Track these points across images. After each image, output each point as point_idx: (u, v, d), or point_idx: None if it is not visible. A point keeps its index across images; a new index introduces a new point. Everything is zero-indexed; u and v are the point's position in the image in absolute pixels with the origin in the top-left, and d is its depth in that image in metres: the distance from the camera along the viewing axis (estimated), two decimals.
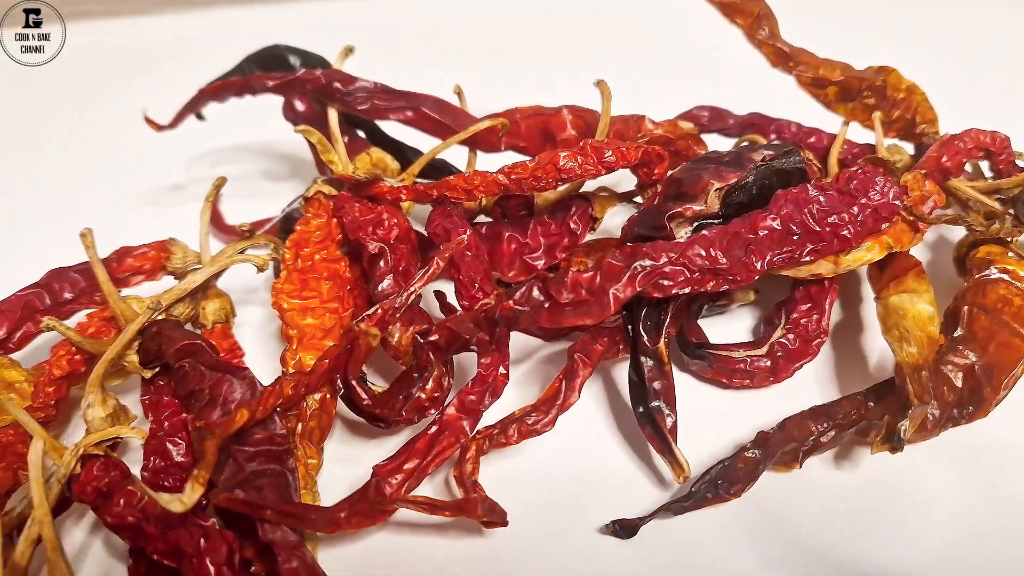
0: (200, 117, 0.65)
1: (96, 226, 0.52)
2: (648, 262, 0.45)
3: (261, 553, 0.39)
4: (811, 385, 0.53)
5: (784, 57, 0.60)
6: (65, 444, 0.41)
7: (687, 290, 0.46)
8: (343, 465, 0.48)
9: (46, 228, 0.70)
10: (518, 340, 0.51)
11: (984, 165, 0.63)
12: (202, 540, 0.36)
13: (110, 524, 0.38)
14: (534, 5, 1.08)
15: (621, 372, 0.54)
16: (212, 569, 0.35)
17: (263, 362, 0.55)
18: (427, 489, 0.46)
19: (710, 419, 0.51)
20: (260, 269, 0.51)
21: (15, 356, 0.50)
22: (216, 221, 0.67)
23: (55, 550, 0.34)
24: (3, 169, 0.82)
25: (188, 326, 0.50)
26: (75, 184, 0.77)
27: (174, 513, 0.37)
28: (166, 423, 0.44)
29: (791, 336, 0.53)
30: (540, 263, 0.57)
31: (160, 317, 0.47)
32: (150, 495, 0.35)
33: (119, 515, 0.37)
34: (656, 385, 0.47)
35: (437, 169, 0.61)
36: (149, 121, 0.64)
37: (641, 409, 0.47)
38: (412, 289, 0.43)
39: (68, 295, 0.50)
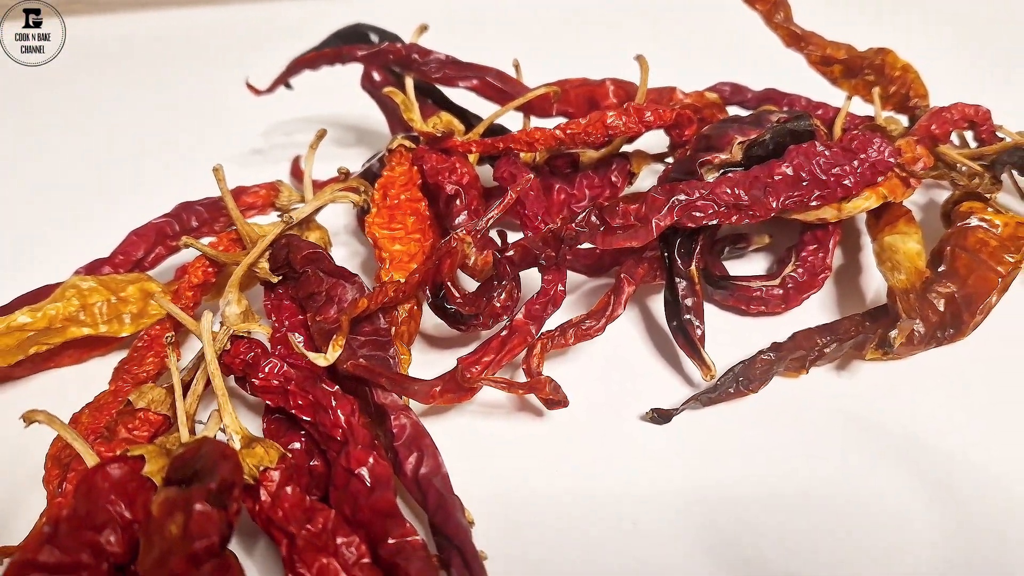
0: (288, 86, 0.74)
1: (201, 179, 0.63)
2: (684, 196, 0.54)
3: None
4: (816, 313, 0.62)
5: (797, 39, 0.70)
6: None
7: (715, 222, 0.55)
8: (424, 367, 0.57)
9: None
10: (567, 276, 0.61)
11: (969, 135, 0.72)
12: (332, 399, 0.46)
13: (257, 387, 0.47)
14: None
15: (653, 303, 0.63)
16: (343, 417, 0.45)
17: None
18: None
19: (731, 338, 0.60)
20: (356, 205, 0.60)
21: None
22: (298, 176, 0.77)
23: (224, 395, 0.44)
24: (117, 127, 0.94)
25: None
26: (178, 147, 0.88)
27: (311, 377, 0.47)
28: (286, 321, 0.53)
29: (800, 271, 0.62)
30: None
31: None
32: (301, 352, 0.45)
33: (265, 379, 0.47)
34: (688, 302, 0.56)
35: (494, 132, 0.70)
36: (250, 86, 0.74)
37: (675, 323, 0.56)
38: (492, 214, 0.52)
39: (194, 224, 0.60)
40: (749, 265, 0.67)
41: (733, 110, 0.72)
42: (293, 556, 0.39)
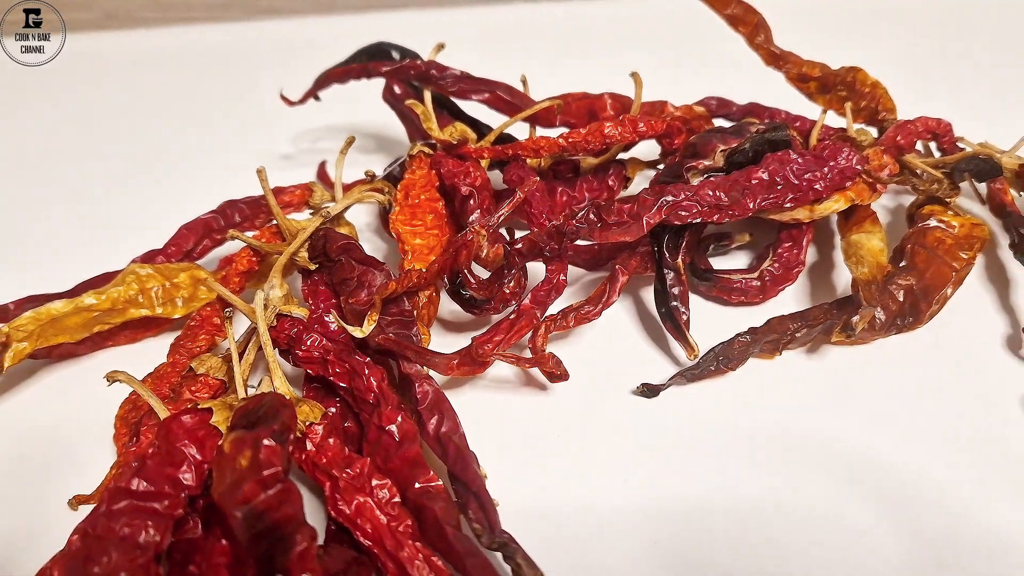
0: (317, 98, 0.82)
1: (239, 182, 0.71)
2: (671, 197, 0.61)
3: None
4: (791, 303, 0.69)
5: (776, 58, 0.77)
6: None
7: (699, 220, 0.62)
8: (441, 348, 0.64)
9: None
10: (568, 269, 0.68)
11: (933, 146, 0.80)
12: (366, 367, 0.53)
13: (300, 358, 0.54)
14: (584, 16, 1.32)
15: (645, 293, 0.71)
16: (375, 383, 0.52)
17: None
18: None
19: (714, 326, 0.66)
20: (381, 203, 0.68)
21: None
22: (324, 179, 0.84)
23: (274, 361, 0.51)
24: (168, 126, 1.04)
25: None
26: (219, 152, 0.97)
27: (347, 349, 0.54)
28: (322, 304, 0.60)
29: (776, 265, 0.69)
30: None
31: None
32: (342, 326, 0.52)
33: (307, 351, 0.54)
34: (675, 290, 0.63)
35: (504, 140, 0.78)
36: (284, 98, 0.81)
37: (663, 309, 0.64)
38: (503, 212, 0.59)
39: (237, 219, 0.68)
40: (732, 261, 0.74)
41: (719, 122, 0.80)
42: (335, 495, 0.47)
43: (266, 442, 0.40)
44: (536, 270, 0.65)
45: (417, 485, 0.48)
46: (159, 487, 0.42)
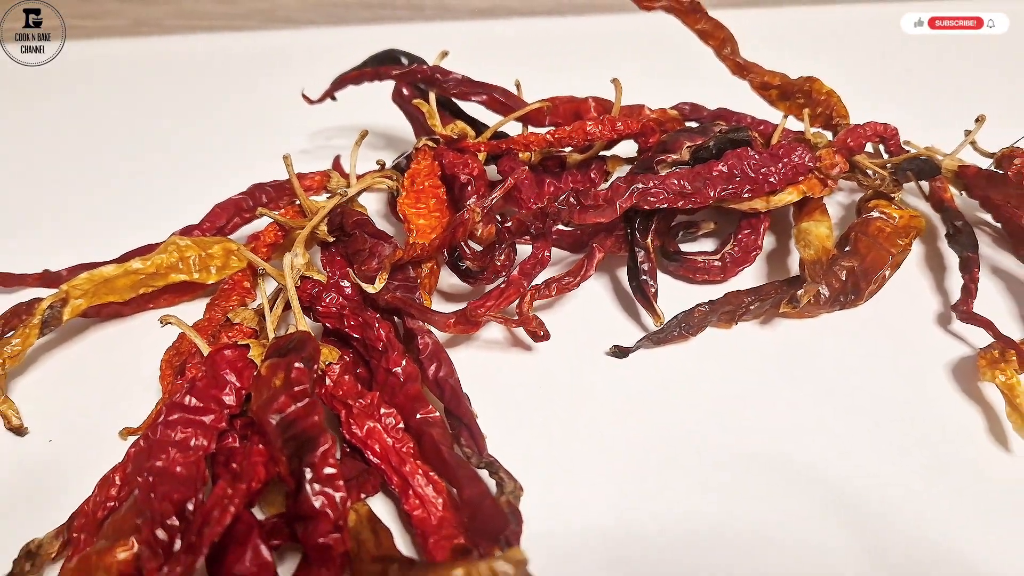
0: (334, 98, 0.92)
1: (264, 172, 0.81)
2: (641, 185, 0.71)
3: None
4: (749, 282, 0.78)
5: (741, 68, 0.87)
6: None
7: (665, 205, 0.72)
8: None
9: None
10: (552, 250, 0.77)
11: (882, 148, 0.89)
12: (376, 321, 0.62)
13: (320, 313, 0.64)
14: (574, 30, 1.43)
15: (620, 272, 0.80)
16: (383, 333, 0.61)
17: None
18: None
19: (679, 302, 0.76)
20: (390, 189, 0.77)
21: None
22: (338, 169, 0.94)
23: (300, 312, 0.60)
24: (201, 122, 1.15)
25: None
26: (246, 144, 1.07)
27: (360, 306, 0.63)
28: (337, 272, 0.70)
29: (736, 248, 0.78)
30: None
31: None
32: (356, 280, 0.62)
33: (327, 307, 0.63)
34: (644, 266, 0.73)
35: (498, 136, 0.87)
36: (305, 97, 0.91)
37: (634, 283, 0.73)
38: (496, 195, 0.69)
39: (264, 200, 0.77)
40: (698, 247, 0.83)
41: (691, 125, 0.89)
42: (349, 420, 0.56)
43: (296, 365, 0.49)
44: (523, 250, 0.74)
45: (418, 415, 0.57)
46: (206, 404, 0.51)
